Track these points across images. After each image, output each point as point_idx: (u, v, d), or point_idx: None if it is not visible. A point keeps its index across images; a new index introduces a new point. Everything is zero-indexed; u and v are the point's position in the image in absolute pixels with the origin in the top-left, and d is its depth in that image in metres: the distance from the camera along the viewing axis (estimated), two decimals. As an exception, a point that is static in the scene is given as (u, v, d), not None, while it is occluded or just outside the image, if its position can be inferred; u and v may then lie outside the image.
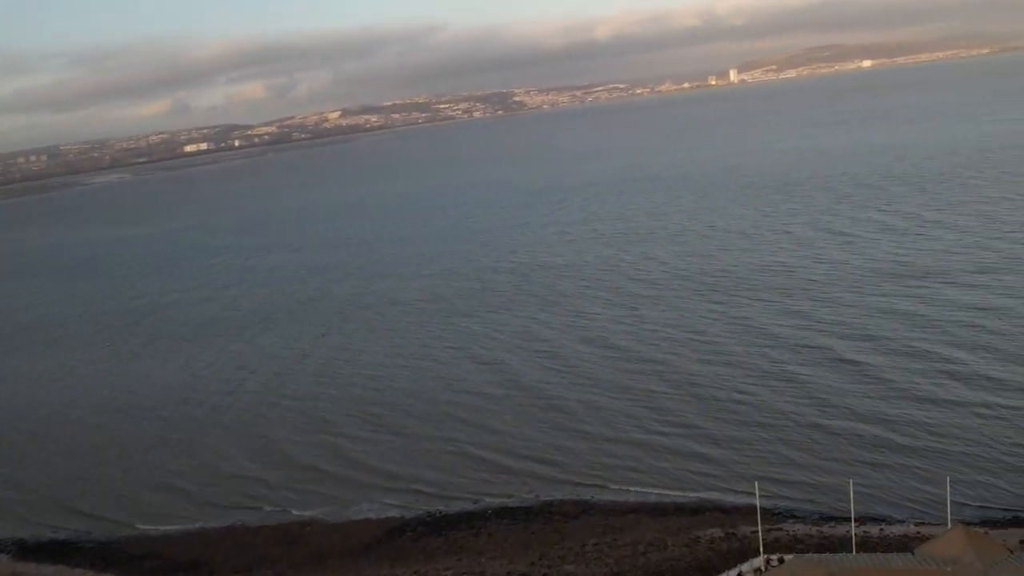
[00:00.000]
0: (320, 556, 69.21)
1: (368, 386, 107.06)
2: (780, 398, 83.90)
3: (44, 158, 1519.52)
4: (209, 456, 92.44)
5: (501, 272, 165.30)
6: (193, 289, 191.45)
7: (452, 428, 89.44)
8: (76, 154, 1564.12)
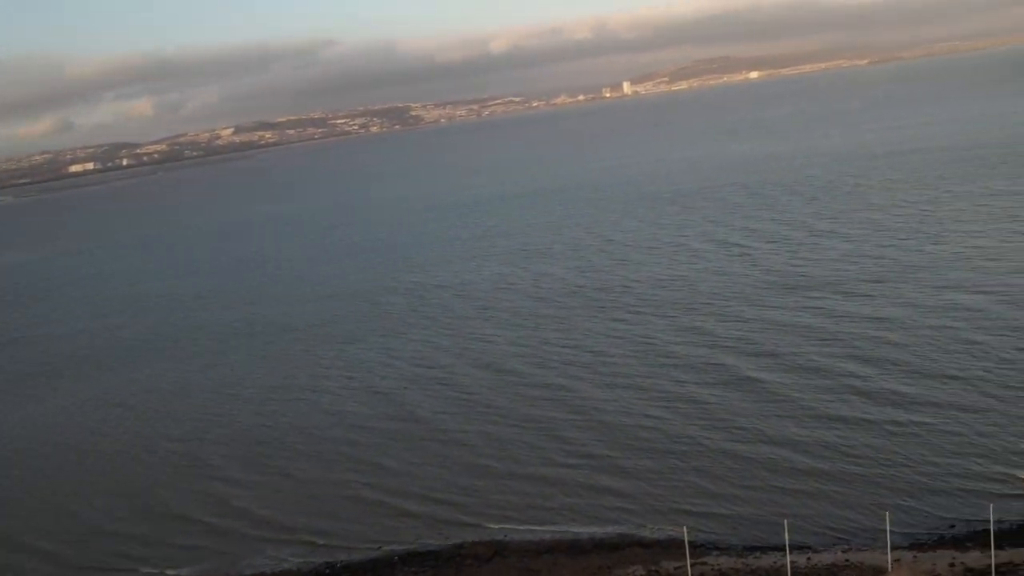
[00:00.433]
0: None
1: (255, 423, 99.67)
2: (689, 423, 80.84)
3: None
4: (78, 509, 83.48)
5: (396, 293, 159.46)
6: (56, 322, 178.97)
7: (346, 469, 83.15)
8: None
